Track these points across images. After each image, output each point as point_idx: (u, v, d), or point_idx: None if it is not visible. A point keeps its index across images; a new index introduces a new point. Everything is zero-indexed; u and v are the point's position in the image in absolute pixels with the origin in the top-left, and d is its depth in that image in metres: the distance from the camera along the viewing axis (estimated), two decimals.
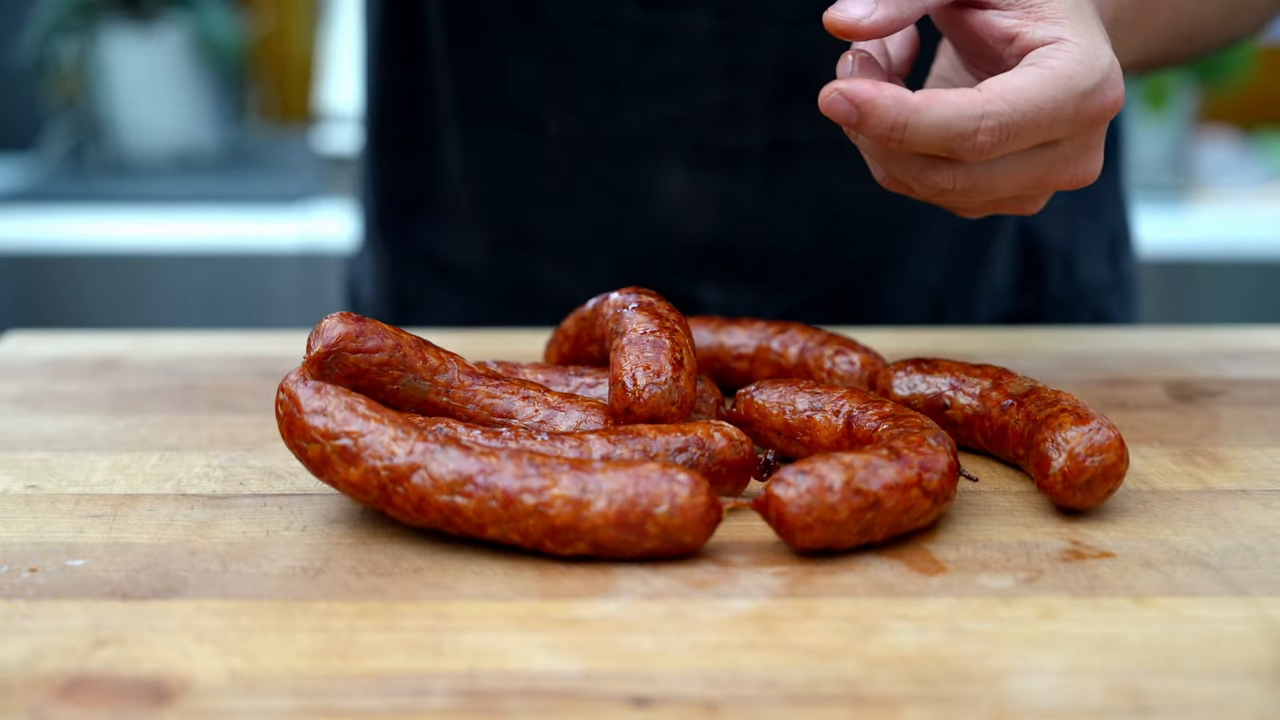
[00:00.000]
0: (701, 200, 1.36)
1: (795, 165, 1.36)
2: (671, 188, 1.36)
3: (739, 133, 1.34)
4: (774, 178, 1.36)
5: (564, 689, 0.65)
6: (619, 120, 1.35)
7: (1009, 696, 0.64)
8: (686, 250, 1.39)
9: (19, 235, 3.26)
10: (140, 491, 0.92)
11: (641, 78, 1.33)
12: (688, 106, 1.33)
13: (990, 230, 1.46)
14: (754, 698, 0.64)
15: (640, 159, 1.36)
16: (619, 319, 0.96)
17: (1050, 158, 0.93)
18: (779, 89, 1.32)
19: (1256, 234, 3.20)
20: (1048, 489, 0.86)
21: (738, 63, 1.31)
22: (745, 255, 1.40)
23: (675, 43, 1.31)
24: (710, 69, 1.32)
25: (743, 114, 1.33)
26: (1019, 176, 0.93)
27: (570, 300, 1.42)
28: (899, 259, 1.43)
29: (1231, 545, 0.82)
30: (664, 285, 1.31)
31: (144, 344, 1.33)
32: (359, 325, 0.92)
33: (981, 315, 1.48)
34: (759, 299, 1.41)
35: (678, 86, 1.33)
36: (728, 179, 1.36)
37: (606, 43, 1.32)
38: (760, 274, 1.40)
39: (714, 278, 1.40)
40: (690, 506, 0.78)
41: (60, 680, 0.66)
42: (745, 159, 1.35)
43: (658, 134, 1.35)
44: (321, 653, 0.68)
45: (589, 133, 1.36)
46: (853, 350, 1.06)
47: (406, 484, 0.80)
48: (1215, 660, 0.68)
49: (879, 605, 0.74)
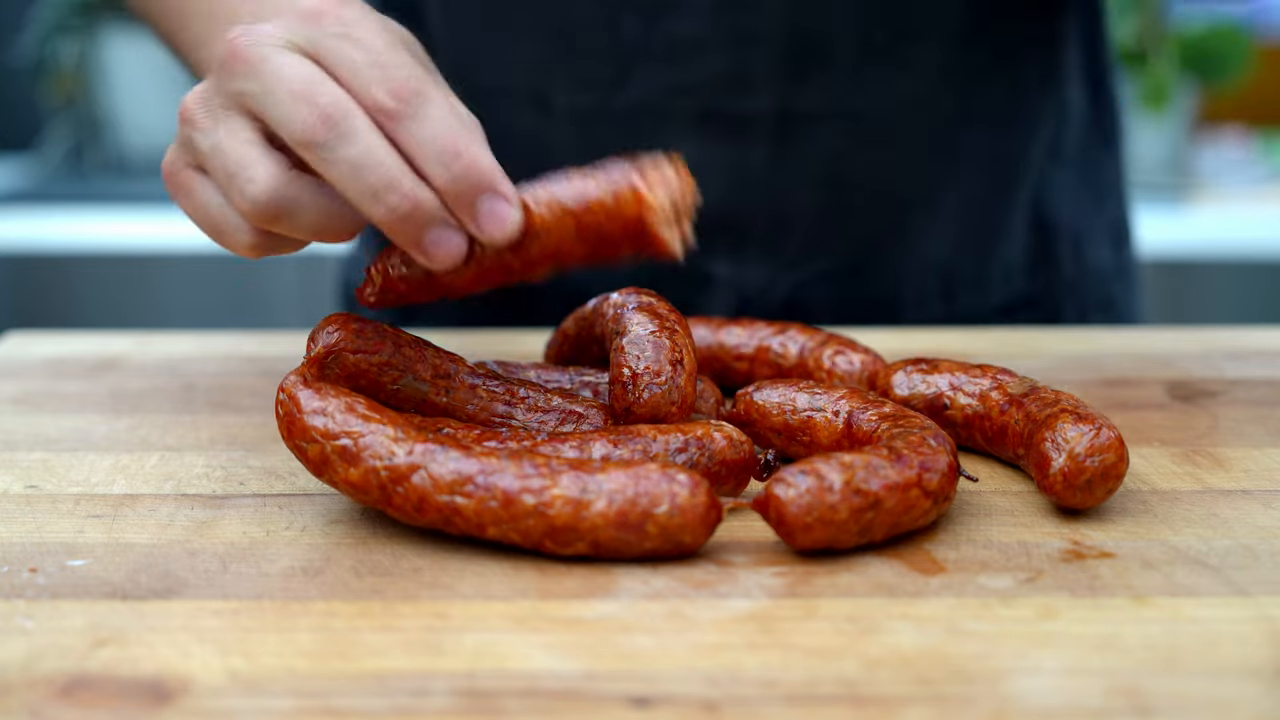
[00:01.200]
0: (710, 170, 1.35)
1: (803, 134, 1.35)
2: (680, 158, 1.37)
3: (746, 101, 1.34)
4: (782, 146, 1.36)
5: (564, 689, 0.65)
6: (626, 93, 1.34)
7: (1009, 696, 0.64)
8: (696, 223, 1.39)
9: (19, 235, 3.26)
10: (140, 491, 0.92)
11: (648, 48, 1.33)
12: (694, 75, 1.33)
13: (1002, 205, 1.45)
14: (754, 698, 0.64)
15: (648, 131, 1.35)
16: (619, 319, 0.96)
17: None
18: (785, 57, 1.32)
19: (1257, 234, 3.20)
20: (1048, 489, 0.86)
21: (744, 31, 1.32)
22: (754, 225, 1.38)
23: (681, 11, 1.31)
24: (716, 37, 1.32)
25: (749, 82, 1.33)
26: None
27: (576, 281, 1.42)
28: (909, 231, 1.43)
29: (1231, 545, 0.82)
30: (673, 261, 1.32)
31: (144, 344, 1.33)
32: (359, 325, 0.92)
33: (995, 295, 1.48)
34: (770, 273, 1.40)
35: (684, 56, 1.33)
36: (735, 148, 1.35)
37: (613, 15, 1.32)
38: (770, 245, 1.39)
39: (724, 250, 1.39)
40: (690, 506, 0.78)
41: (60, 680, 0.66)
42: (753, 127, 1.35)
43: (665, 104, 1.34)
44: (321, 653, 0.68)
45: (596, 107, 1.35)
46: (853, 350, 1.06)
47: (406, 484, 0.80)
48: (1215, 660, 0.68)
49: (879, 605, 0.74)
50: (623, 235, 0.86)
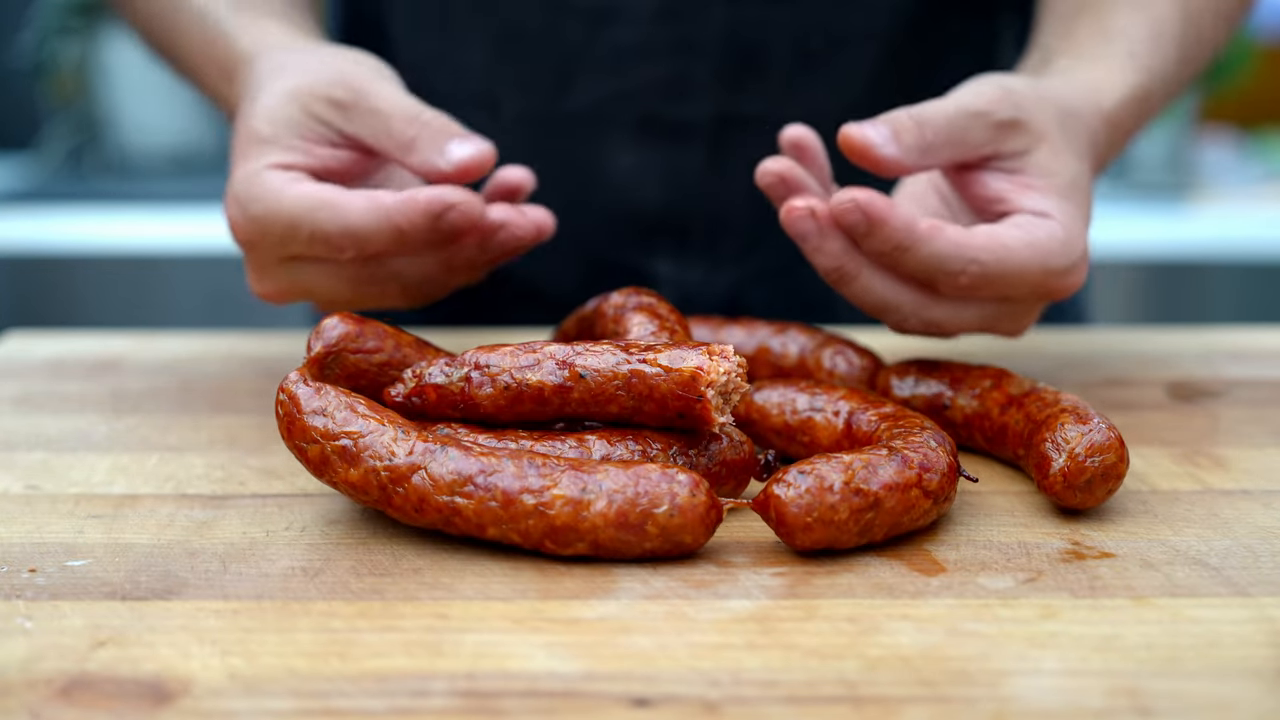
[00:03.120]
0: (649, 174, 1.41)
1: (740, 139, 1.39)
2: (621, 162, 1.41)
3: (685, 107, 1.38)
4: (719, 151, 1.40)
5: (564, 689, 0.65)
6: (571, 98, 1.39)
7: (1009, 697, 0.64)
8: (638, 224, 1.43)
9: (19, 235, 3.26)
10: (140, 491, 0.92)
11: (592, 55, 1.37)
12: (635, 82, 1.37)
13: None
14: (754, 698, 0.64)
15: (592, 136, 1.40)
16: (619, 319, 0.96)
17: (997, 312, 1.00)
18: (724, 64, 1.37)
19: (1256, 234, 3.20)
20: (1048, 489, 0.86)
21: (683, 39, 1.36)
22: (693, 227, 1.43)
23: (623, 20, 1.35)
24: (658, 44, 1.36)
25: (688, 89, 1.38)
26: (965, 316, 1.00)
27: (528, 280, 1.45)
28: None
29: (1231, 545, 0.82)
30: (619, 261, 1.35)
31: (144, 344, 1.33)
32: (359, 326, 0.92)
33: None
34: (709, 272, 1.44)
35: (626, 63, 1.37)
36: (675, 152, 1.40)
37: (557, 22, 1.36)
38: (709, 246, 1.44)
39: (666, 251, 1.43)
40: (690, 507, 0.78)
41: (60, 681, 0.66)
42: (691, 132, 1.39)
43: (608, 110, 1.39)
44: (321, 653, 0.68)
45: (543, 112, 1.40)
46: (853, 350, 1.06)
47: (406, 484, 0.80)
48: (1215, 660, 0.68)
49: (879, 605, 0.74)
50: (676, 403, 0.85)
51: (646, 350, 0.85)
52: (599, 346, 0.86)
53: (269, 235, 1.00)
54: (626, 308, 0.97)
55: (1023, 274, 0.96)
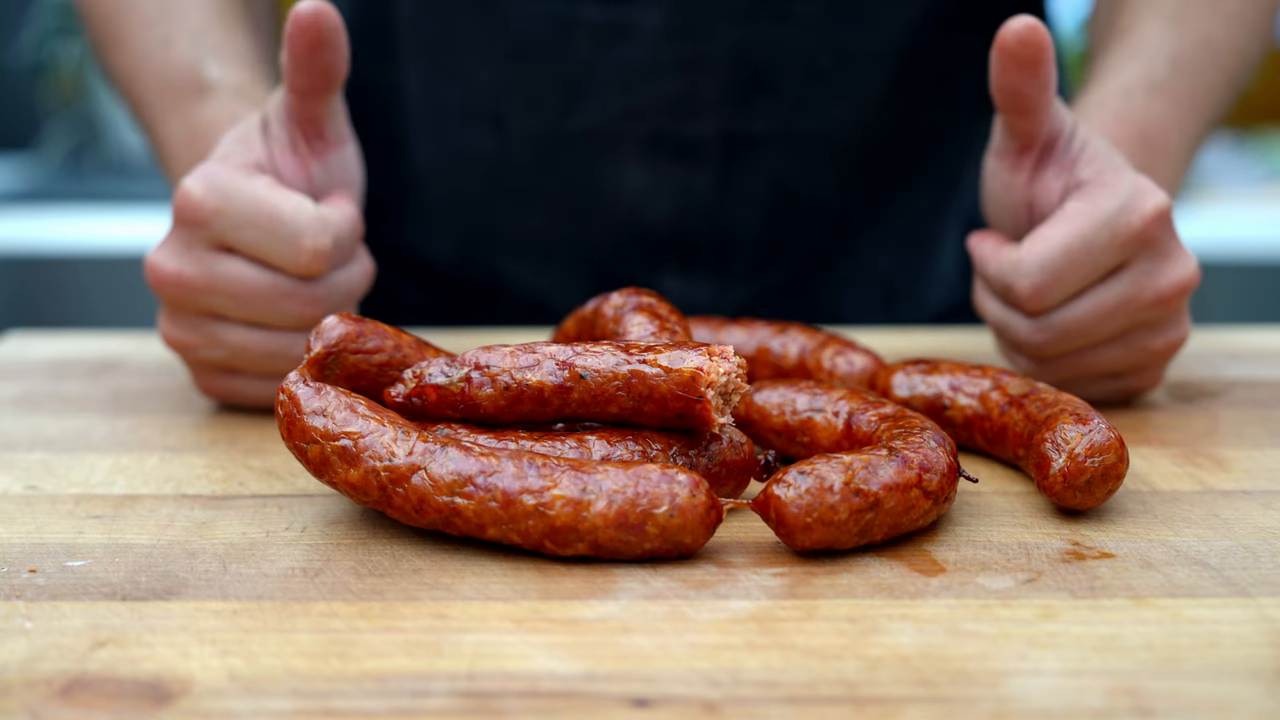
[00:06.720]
0: (658, 192, 1.41)
1: (749, 157, 1.39)
2: (630, 180, 1.41)
3: (694, 125, 1.38)
4: (729, 169, 1.40)
5: (564, 689, 0.65)
6: (579, 116, 1.38)
7: (1009, 697, 0.64)
8: (646, 242, 1.43)
9: (19, 235, 3.26)
10: (140, 492, 0.92)
11: (600, 74, 1.37)
12: (644, 100, 1.37)
13: (939, 217, 1.50)
14: (754, 698, 0.64)
15: (600, 153, 1.39)
16: (620, 320, 0.96)
17: (1127, 353, 1.06)
18: (733, 82, 1.36)
19: (1256, 234, 3.20)
20: (1048, 490, 0.86)
21: (692, 56, 1.35)
22: (702, 245, 1.43)
23: (632, 38, 1.35)
24: (666, 62, 1.36)
25: (698, 106, 1.37)
26: (1098, 328, 1.03)
27: (536, 295, 1.45)
28: (851, 247, 1.47)
29: (1231, 546, 0.82)
30: (627, 278, 1.35)
31: (144, 344, 1.33)
32: (359, 326, 0.92)
33: (931, 302, 1.52)
34: (717, 289, 1.44)
35: (634, 81, 1.37)
36: (683, 170, 1.40)
37: (565, 40, 1.36)
38: (717, 264, 1.44)
39: (673, 268, 1.44)
40: (690, 507, 0.78)
41: (59, 681, 0.66)
42: (700, 150, 1.39)
43: (616, 128, 1.38)
44: (321, 653, 0.68)
45: (550, 129, 1.40)
46: (853, 350, 1.06)
47: (406, 485, 0.80)
48: (1215, 660, 0.68)
49: (879, 606, 0.74)
50: (676, 403, 0.85)
51: (646, 351, 0.85)
52: (599, 347, 0.86)
53: (223, 215, 1.01)
54: (626, 308, 0.97)
55: (1078, 242, 1.00)
